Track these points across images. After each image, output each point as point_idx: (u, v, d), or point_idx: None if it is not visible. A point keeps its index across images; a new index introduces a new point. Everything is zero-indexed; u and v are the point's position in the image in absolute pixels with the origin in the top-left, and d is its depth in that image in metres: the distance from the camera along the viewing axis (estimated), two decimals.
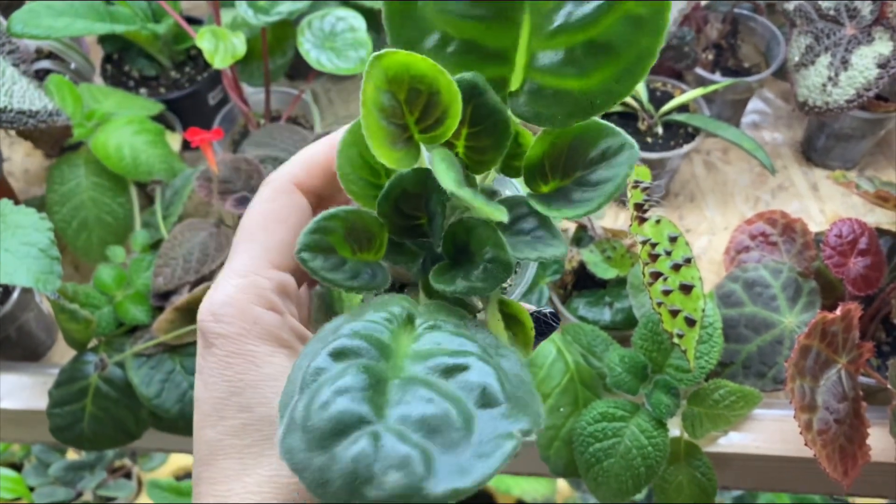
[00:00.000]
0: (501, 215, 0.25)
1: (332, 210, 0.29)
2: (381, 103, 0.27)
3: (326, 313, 0.39)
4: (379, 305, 0.27)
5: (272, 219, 0.34)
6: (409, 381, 0.23)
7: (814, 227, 0.77)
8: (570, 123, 0.28)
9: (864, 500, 1.10)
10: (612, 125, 0.28)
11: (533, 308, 0.34)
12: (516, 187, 0.36)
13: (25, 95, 0.73)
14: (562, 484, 1.42)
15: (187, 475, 1.48)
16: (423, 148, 0.29)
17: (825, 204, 0.89)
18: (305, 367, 0.24)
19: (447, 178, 0.25)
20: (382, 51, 0.26)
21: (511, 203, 0.30)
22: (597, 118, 0.28)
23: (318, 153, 0.35)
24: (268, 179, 0.36)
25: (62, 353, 0.82)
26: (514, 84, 0.29)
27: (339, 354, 0.24)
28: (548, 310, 0.36)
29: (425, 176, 0.29)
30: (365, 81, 0.27)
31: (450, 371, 0.23)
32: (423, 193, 0.30)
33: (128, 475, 1.45)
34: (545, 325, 0.36)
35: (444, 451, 0.21)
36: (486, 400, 0.22)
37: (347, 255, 0.30)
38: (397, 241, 0.32)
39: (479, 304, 0.32)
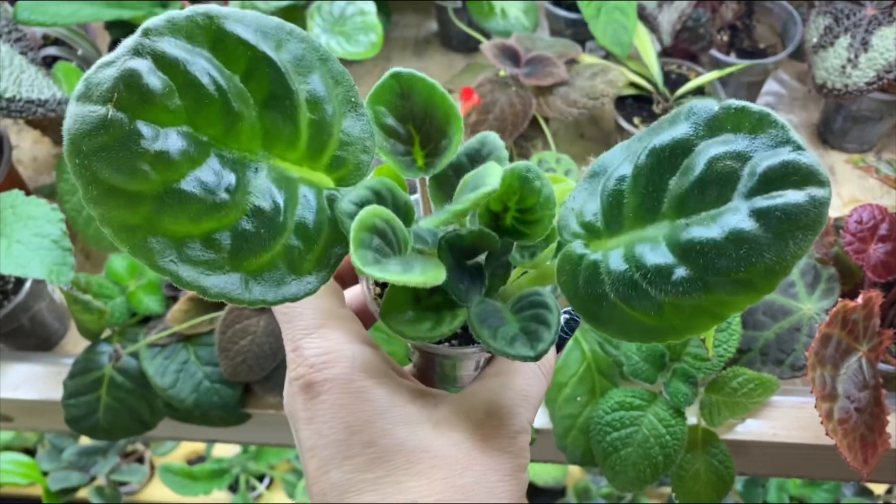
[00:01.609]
0: None
1: None
2: None
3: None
4: None
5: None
6: None
7: (830, 211, 0.76)
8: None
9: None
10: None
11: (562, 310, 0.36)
12: None
13: (34, 84, 0.72)
14: (573, 468, 1.42)
15: (199, 459, 1.49)
16: None
17: (841, 187, 0.88)
18: None
19: None
20: None
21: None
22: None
23: None
24: None
25: (75, 343, 0.82)
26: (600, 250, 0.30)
27: None
28: (569, 314, 0.38)
29: None
30: None
31: None
32: None
33: (140, 460, 1.46)
34: (570, 324, 0.38)
35: None
36: None
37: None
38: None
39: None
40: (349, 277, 0.39)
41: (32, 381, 0.74)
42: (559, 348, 0.39)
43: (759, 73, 0.90)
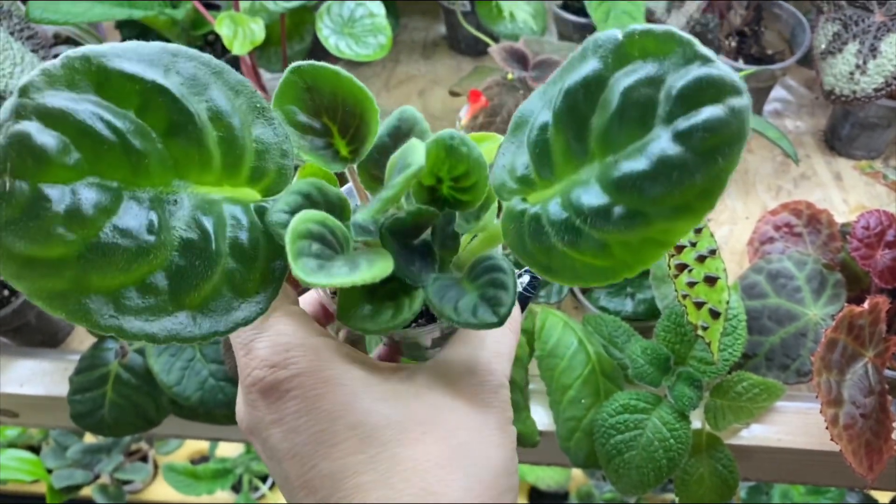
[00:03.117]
0: None
1: None
2: None
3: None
4: None
5: None
6: None
7: (837, 217, 0.76)
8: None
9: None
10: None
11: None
12: None
13: None
14: (575, 471, 1.42)
15: (203, 458, 1.49)
16: None
17: (848, 194, 0.88)
18: None
19: None
20: None
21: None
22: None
23: None
24: None
25: (81, 339, 0.82)
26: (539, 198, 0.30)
27: None
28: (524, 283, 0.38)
29: None
30: None
31: None
32: None
33: (144, 458, 1.46)
34: (532, 283, 0.39)
35: None
36: None
37: None
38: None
39: None
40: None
41: (39, 376, 0.75)
42: (523, 307, 0.39)
43: (767, 79, 0.90)
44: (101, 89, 0.26)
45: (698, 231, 0.60)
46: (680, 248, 0.57)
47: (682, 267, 0.57)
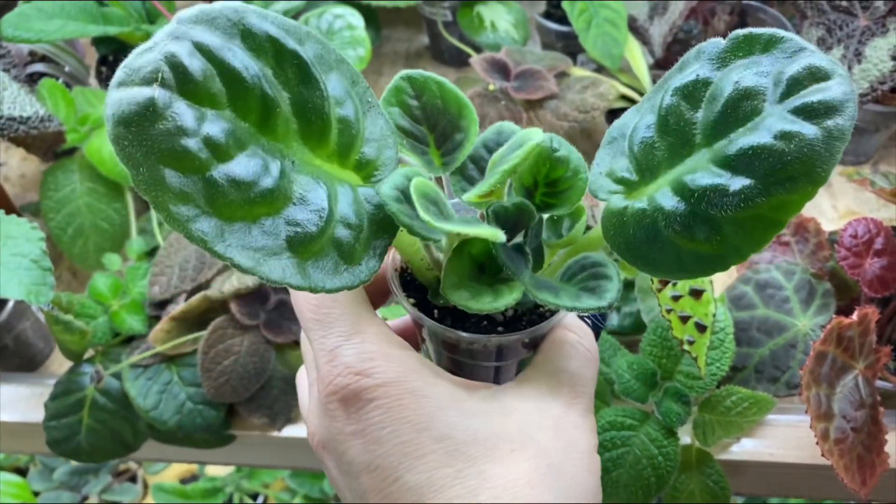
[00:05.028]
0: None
1: None
2: None
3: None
4: None
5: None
6: None
7: (826, 224, 0.75)
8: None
9: None
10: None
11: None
12: None
13: (16, 101, 0.71)
14: None
15: (193, 478, 1.47)
16: None
17: (837, 200, 0.87)
18: None
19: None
20: None
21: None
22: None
23: None
24: None
25: (60, 362, 0.81)
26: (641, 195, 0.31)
27: None
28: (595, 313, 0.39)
29: None
30: None
31: None
32: None
33: (133, 479, 1.44)
34: (596, 327, 0.40)
35: None
36: None
37: None
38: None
39: None
40: None
41: (15, 402, 0.73)
42: (597, 336, 0.38)
43: None
44: (245, 41, 0.27)
45: None
46: None
47: (665, 281, 0.56)
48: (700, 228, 0.27)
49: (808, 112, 0.25)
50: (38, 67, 0.88)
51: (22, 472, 1.37)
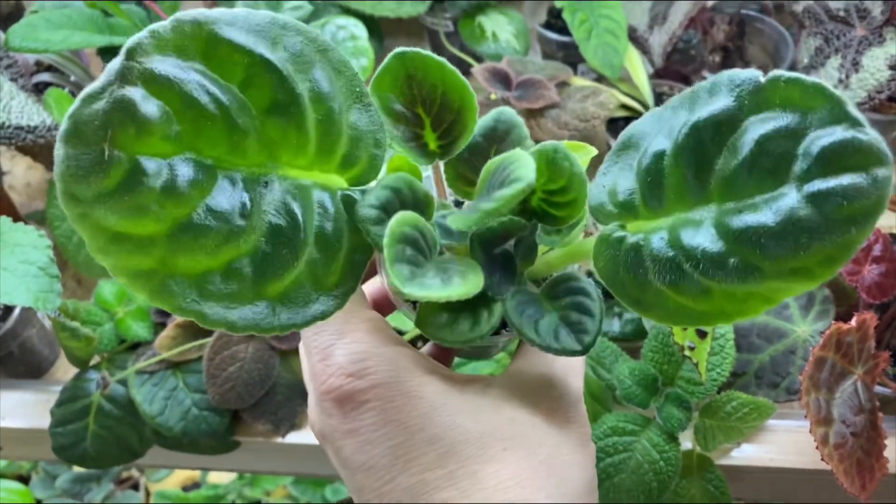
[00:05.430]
0: None
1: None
2: None
3: None
4: None
5: None
6: None
7: None
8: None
9: None
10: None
11: None
12: None
13: (24, 110, 0.72)
14: None
15: (195, 485, 1.47)
16: None
17: None
18: None
19: None
20: None
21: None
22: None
23: None
24: None
25: (66, 369, 0.81)
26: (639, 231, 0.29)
27: None
28: None
29: None
30: None
31: None
32: None
33: (135, 486, 1.44)
34: None
35: None
36: None
37: None
38: None
39: None
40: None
41: (21, 409, 0.74)
42: None
43: None
44: (209, 58, 0.25)
45: None
46: None
47: None
48: (690, 287, 0.25)
49: (830, 201, 0.22)
50: (45, 77, 0.89)
51: (24, 479, 1.37)
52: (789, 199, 0.23)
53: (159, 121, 0.23)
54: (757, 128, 0.24)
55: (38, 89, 0.85)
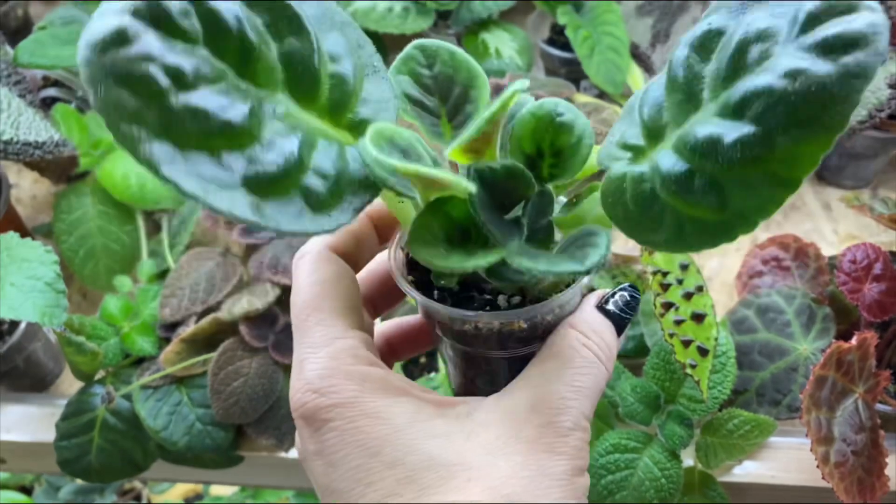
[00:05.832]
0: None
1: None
2: None
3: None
4: None
5: (329, 287, 0.33)
6: None
7: (827, 248, 0.76)
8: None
9: None
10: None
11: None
12: None
13: (31, 126, 0.73)
14: None
15: (197, 497, 1.47)
16: None
17: (838, 224, 0.88)
18: None
19: None
20: None
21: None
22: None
23: None
24: (302, 251, 0.35)
25: (70, 383, 0.82)
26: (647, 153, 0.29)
27: None
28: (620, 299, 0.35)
29: None
30: None
31: None
32: None
33: (138, 498, 1.44)
34: (630, 303, 0.35)
35: None
36: None
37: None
38: None
39: None
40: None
41: (26, 422, 0.74)
42: (620, 330, 0.34)
43: None
44: None
45: (685, 268, 0.59)
46: (666, 287, 0.57)
47: (668, 305, 0.57)
48: (700, 189, 0.24)
49: (824, 48, 0.22)
50: (52, 92, 0.89)
51: (27, 490, 1.38)
52: (785, 56, 0.23)
53: (178, 12, 0.25)
54: (743, 21, 0.25)
55: (46, 104, 0.86)
